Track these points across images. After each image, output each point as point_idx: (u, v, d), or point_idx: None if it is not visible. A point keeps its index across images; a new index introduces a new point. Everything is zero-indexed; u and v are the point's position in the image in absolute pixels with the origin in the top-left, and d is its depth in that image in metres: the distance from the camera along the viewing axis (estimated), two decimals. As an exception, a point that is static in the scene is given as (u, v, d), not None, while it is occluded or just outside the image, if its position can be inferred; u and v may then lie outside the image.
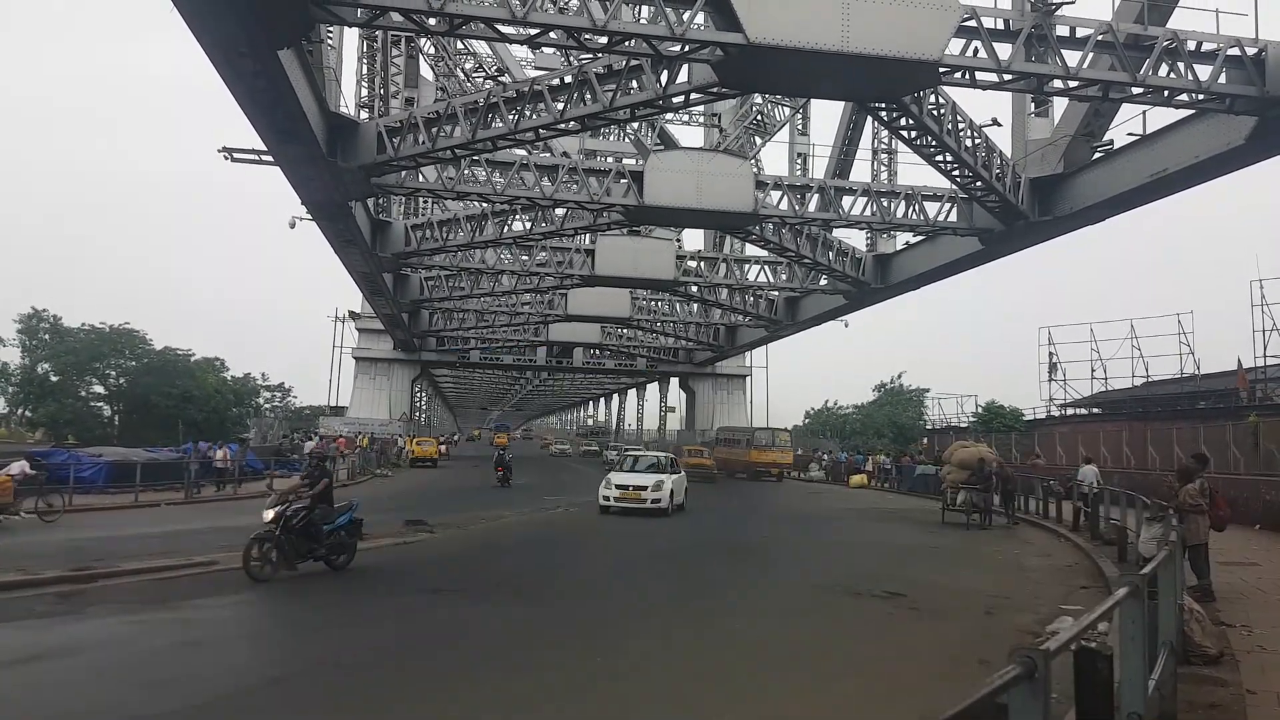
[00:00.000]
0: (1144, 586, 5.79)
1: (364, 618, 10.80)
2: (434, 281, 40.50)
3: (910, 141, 20.98)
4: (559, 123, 19.86)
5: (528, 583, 13.44)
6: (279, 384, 76.07)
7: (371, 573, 13.99)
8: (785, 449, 47.01)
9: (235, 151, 24.47)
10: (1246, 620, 10.36)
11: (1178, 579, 8.56)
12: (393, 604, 11.52)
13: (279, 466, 32.77)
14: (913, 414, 64.23)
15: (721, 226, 31.89)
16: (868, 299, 36.66)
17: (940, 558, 17.69)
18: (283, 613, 11.06)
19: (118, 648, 8.87)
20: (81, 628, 9.61)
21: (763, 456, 45.25)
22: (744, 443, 47.83)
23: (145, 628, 9.63)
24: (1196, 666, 8.14)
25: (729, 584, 13.94)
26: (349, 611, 11.22)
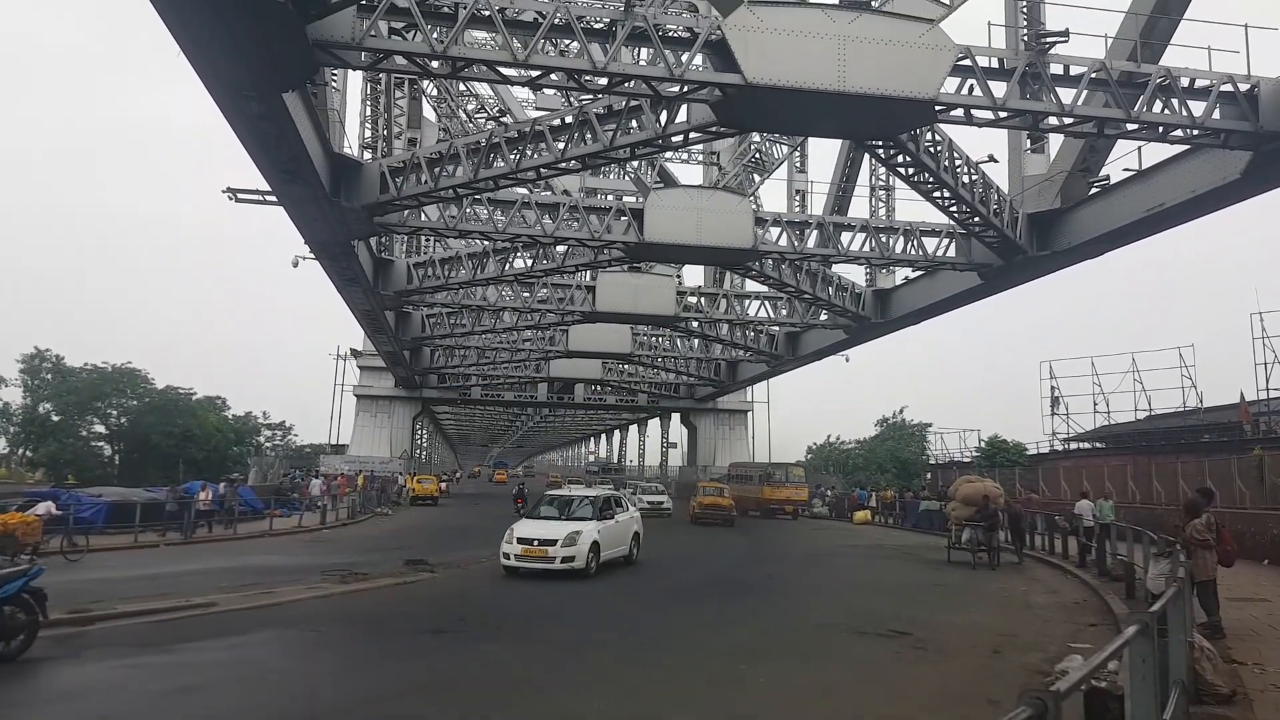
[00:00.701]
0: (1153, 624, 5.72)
1: (367, 660, 10.68)
2: (435, 319, 40.58)
3: (908, 178, 21.12)
4: (560, 162, 20.02)
5: (530, 621, 13.31)
6: (280, 422, 76.11)
7: (373, 613, 13.88)
8: (799, 485, 45.91)
9: (239, 192, 24.62)
10: (1258, 658, 10.23)
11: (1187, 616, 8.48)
12: (398, 645, 11.40)
13: (279, 506, 32.61)
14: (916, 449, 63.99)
15: (721, 262, 32.00)
16: (868, 334, 36.70)
17: (946, 595, 17.53)
18: (281, 656, 10.94)
19: (113, 693, 8.77)
20: (77, 672, 9.51)
21: (776, 493, 44.15)
22: (756, 479, 46.83)
23: (141, 672, 9.52)
24: (1209, 706, 8.02)
25: (734, 624, 13.79)
26: (351, 654, 11.11)
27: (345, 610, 14.16)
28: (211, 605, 13.28)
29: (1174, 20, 17.96)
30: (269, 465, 52.88)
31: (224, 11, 12.16)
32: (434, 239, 34.62)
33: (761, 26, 15.11)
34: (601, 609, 14.75)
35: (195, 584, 15.49)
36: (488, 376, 56.78)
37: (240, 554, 22.09)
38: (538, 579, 17.38)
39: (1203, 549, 11.56)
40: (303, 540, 26.98)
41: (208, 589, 14.74)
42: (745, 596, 16.96)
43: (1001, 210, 22.72)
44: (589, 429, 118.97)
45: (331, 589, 15.94)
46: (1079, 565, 21.29)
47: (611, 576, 18.59)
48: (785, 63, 15.17)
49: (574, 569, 17.71)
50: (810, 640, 12.49)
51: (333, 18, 13.96)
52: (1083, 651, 10.40)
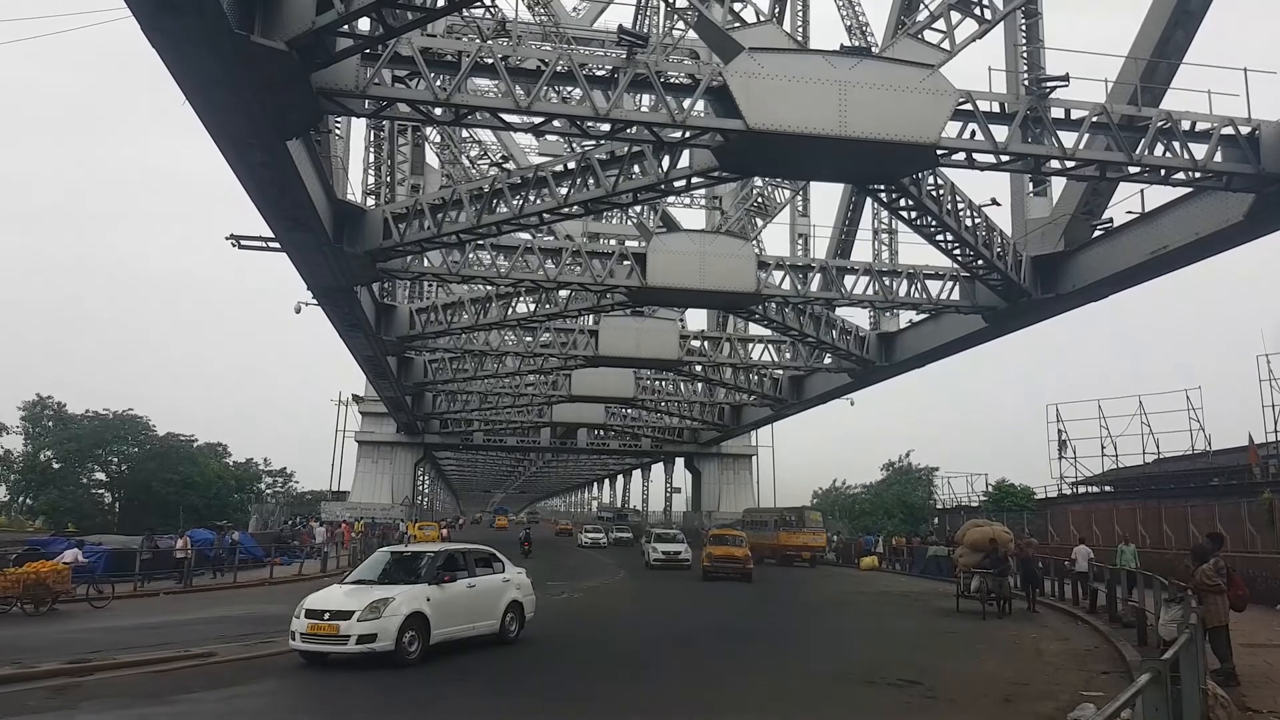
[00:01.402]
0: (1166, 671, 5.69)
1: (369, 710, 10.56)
2: (438, 364, 40.70)
3: (910, 222, 21.26)
4: (563, 207, 20.22)
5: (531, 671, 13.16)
6: (281, 469, 75.90)
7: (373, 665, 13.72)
8: (817, 530, 44.32)
9: (243, 239, 24.84)
10: (1273, 705, 10.10)
11: (1200, 663, 8.38)
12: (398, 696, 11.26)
13: (280, 554, 32.43)
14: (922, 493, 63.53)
15: (724, 306, 32.18)
16: (873, 377, 36.70)
17: (955, 643, 17.33)
18: (280, 708, 10.83)
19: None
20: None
21: (793, 540, 42.71)
22: (772, 525, 45.31)
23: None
24: (1224, 755, 7.91)
25: (739, 671, 13.63)
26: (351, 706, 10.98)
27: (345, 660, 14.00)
28: (211, 655, 13.17)
29: (1174, 64, 18.24)
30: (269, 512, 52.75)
31: (229, 61, 12.39)
32: (437, 284, 34.91)
33: (762, 73, 15.35)
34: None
35: (195, 633, 15.38)
36: (490, 421, 56.77)
37: (241, 602, 21.93)
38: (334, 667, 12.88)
39: (1214, 594, 11.47)
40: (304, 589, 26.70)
41: (207, 638, 14.62)
42: (750, 642, 16.78)
43: (1005, 253, 22.83)
44: (592, 474, 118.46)
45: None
46: (1090, 611, 21.05)
47: (460, 663, 13.49)
48: (787, 108, 15.38)
49: (375, 652, 12.57)
50: (818, 690, 12.33)
51: (337, 66, 14.20)
52: (1096, 700, 10.26)
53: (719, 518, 61.10)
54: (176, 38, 12.00)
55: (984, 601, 21.51)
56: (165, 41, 12.01)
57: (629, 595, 26.79)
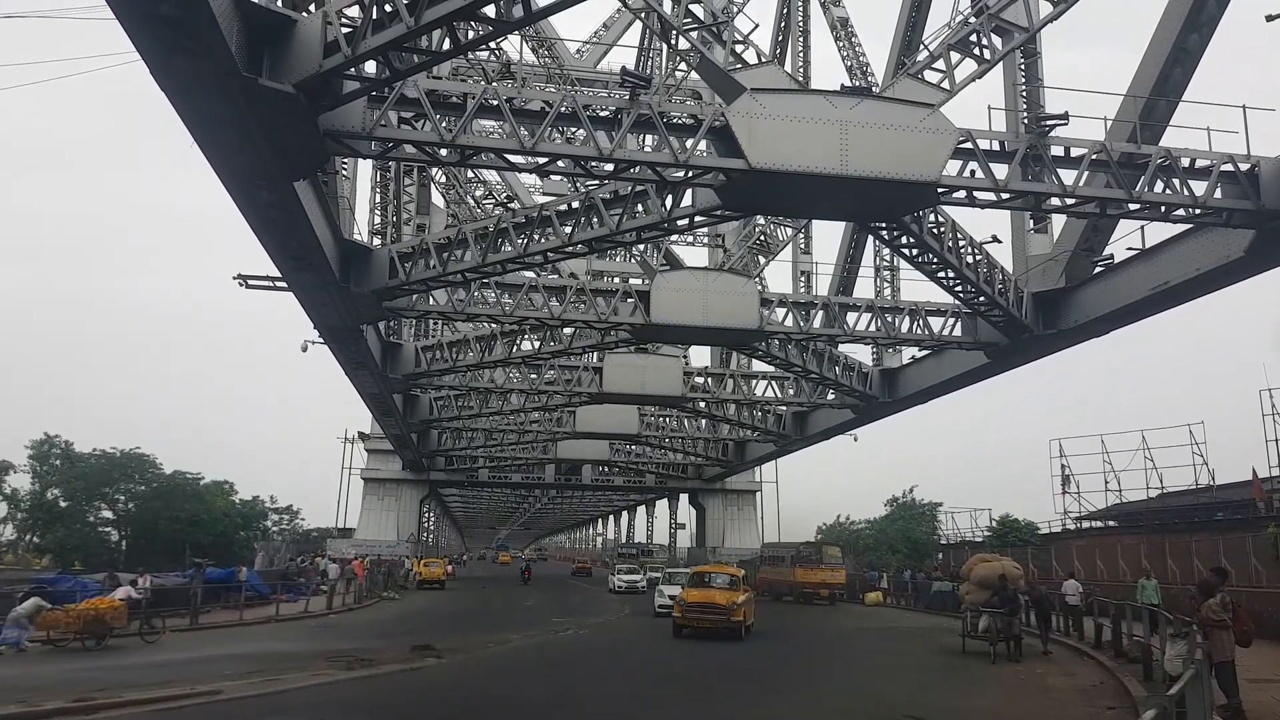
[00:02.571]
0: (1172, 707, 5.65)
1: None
2: (443, 401, 40.71)
3: (912, 259, 21.35)
4: (567, 246, 20.35)
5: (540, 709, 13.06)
6: (287, 506, 75.49)
7: (379, 701, 13.65)
8: (836, 566, 42.20)
9: (250, 278, 25.00)
10: (1282, 742, 9.98)
11: (1206, 698, 8.31)
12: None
13: (286, 590, 32.26)
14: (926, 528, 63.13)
15: (728, 343, 32.19)
16: (876, 413, 36.64)
17: (961, 679, 17.17)
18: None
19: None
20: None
21: (810, 576, 40.94)
22: (789, 561, 43.77)
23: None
24: (1233, 793, 7.81)
25: (742, 709, 13.50)
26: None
27: (351, 698, 13.94)
28: (217, 693, 13.08)
29: (1173, 102, 18.41)
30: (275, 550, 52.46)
31: (237, 102, 12.56)
32: (442, 322, 35.04)
33: (764, 113, 15.54)
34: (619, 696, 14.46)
35: (201, 670, 15.27)
36: (495, 458, 56.62)
37: (246, 640, 21.80)
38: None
39: (1219, 629, 11.38)
40: (309, 625, 26.62)
41: (213, 676, 14.52)
42: (755, 680, 16.63)
43: (1006, 290, 22.90)
44: (597, 510, 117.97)
45: (337, 675, 15.69)
46: (1095, 647, 20.86)
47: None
48: (788, 148, 15.54)
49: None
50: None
51: (344, 108, 14.37)
52: (1103, 737, 10.15)
53: (724, 554, 60.69)
54: (185, 80, 12.18)
55: (993, 643, 19.87)
56: (174, 83, 12.19)
57: (634, 630, 26.56)
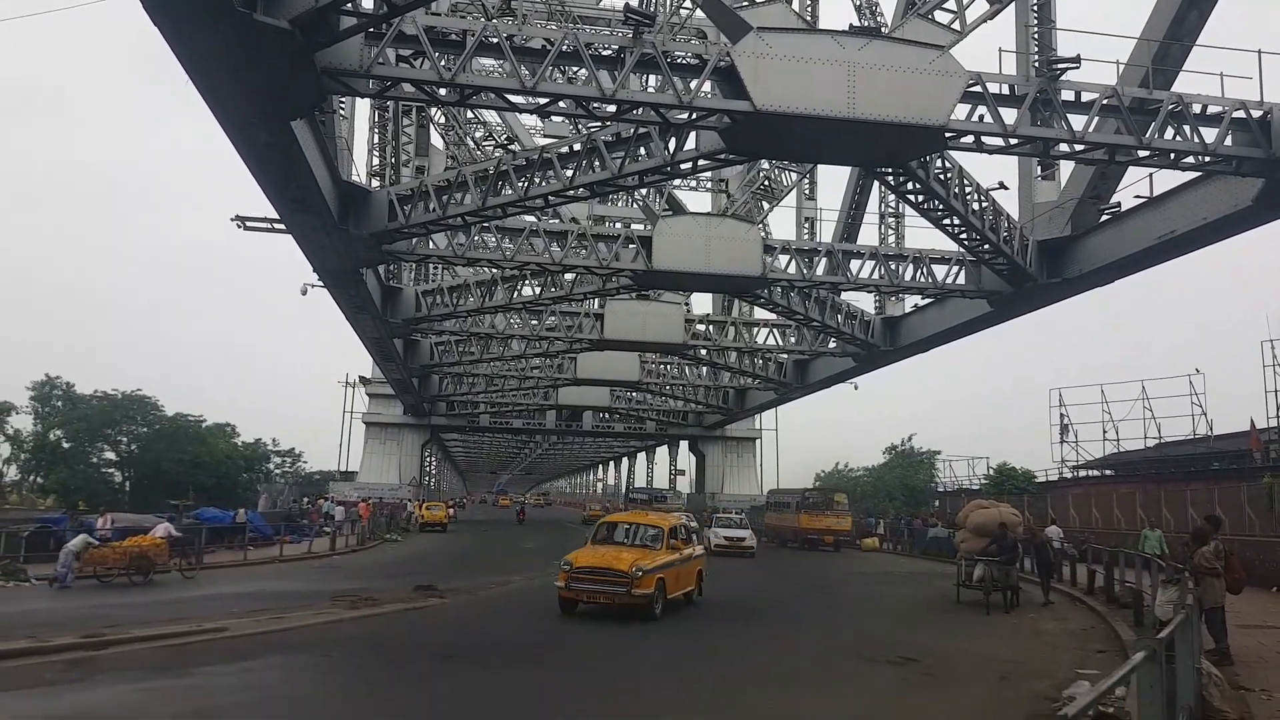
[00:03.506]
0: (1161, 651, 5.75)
1: (376, 686, 10.70)
2: (444, 346, 40.80)
3: (917, 205, 21.23)
4: (568, 190, 20.22)
5: (540, 647, 13.31)
6: (289, 449, 76.08)
7: (383, 639, 13.89)
8: (842, 513, 41.92)
9: (248, 220, 24.94)
10: (1266, 684, 10.19)
11: (1195, 643, 8.46)
12: (408, 671, 11.42)
13: (289, 531, 32.63)
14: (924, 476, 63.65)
15: (730, 290, 32.14)
16: (877, 361, 36.72)
17: (954, 622, 17.44)
18: (292, 681, 10.98)
19: (128, 716, 8.83)
20: (91, 695, 9.56)
21: (815, 523, 40.55)
22: (794, 506, 43.08)
23: (154, 695, 9.57)
24: (1217, 732, 8.00)
25: (740, 649, 13.76)
26: (361, 680, 11.13)
27: (355, 635, 14.18)
28: (223, 630, 13.31)
29: (1186, 46, 18.15)
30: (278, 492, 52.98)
31: (231, 39, 12.39)
32: (442, 267, 35.00)
33: (770, 53, 15.29)
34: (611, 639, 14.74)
35: (207, 609, 15.53)
36: (496, 404, 56.93)
37: (251, 580, 22.12)
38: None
39: (1211, 576, 11.54)
40: (313, 566, 27.00)
41: (219, 614, 14.77)
42: (750, 621, 16.91)
43: (1012, 237, 22.80)
44: (597, 456, 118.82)
45: (341, 614, 15.96)
46: (1087, 593, 21.15)
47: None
48: (794, 89, 15.32)
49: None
50: (817, 667, 12.47)
51: (341, 45, 14.16)
52: (1091, 678, 10.36)
53: (723, 500, 61.29)
54: (179, 16, 12.02)
55: (987, 593, 18.84)
56: (168, 20, 12.03)
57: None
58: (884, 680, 11.45)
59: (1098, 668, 11.73)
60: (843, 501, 43.49)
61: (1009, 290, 25.32)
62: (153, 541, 21.29)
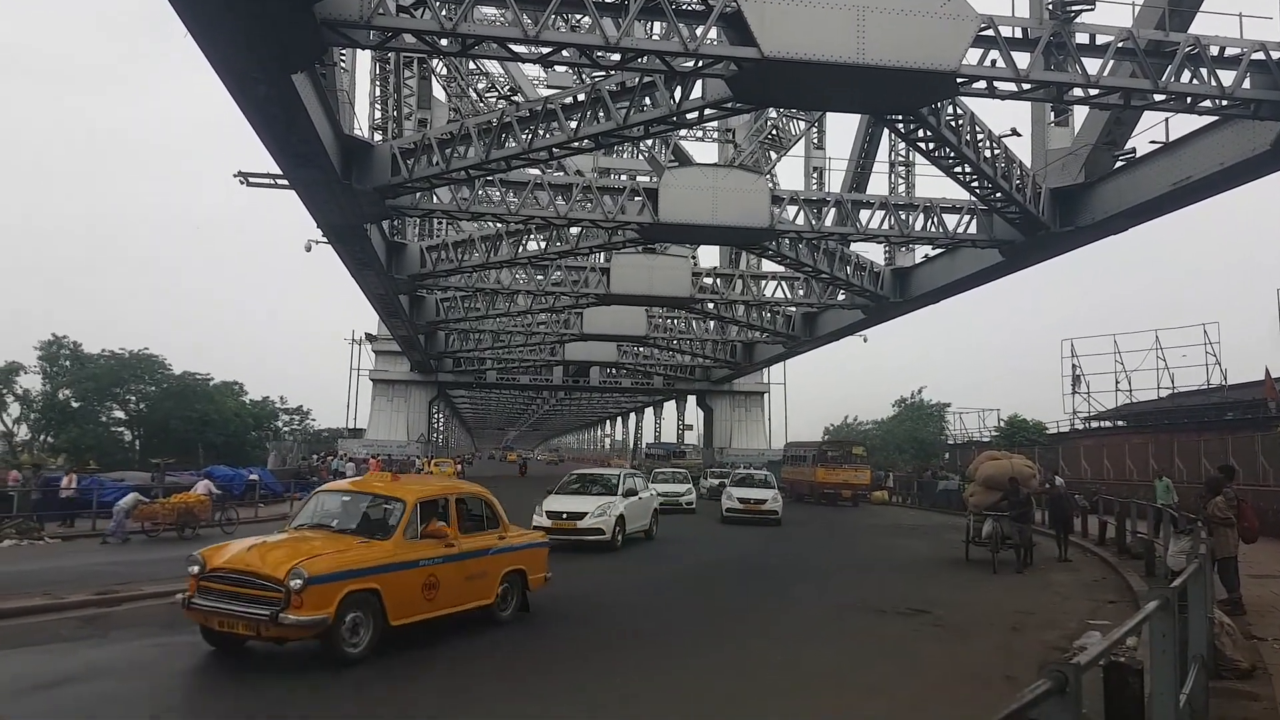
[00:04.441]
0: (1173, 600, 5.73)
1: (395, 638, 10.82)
2: (449, 303, 40.73)
3: (928, 153, 20.97)
4: (573, 141, 19.99)
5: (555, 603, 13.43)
6: (298, 406, 76.39)
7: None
8: (860, 467, 41.38)
9: (250, 176, 24.75)
10: (1279, 633, 10.22)
11: (1207, 592, 8.47)
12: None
13: (299, 489, 32.88)
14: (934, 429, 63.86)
15: (737, 242, 31.93)
16: (887, 313, 36.56)
17: (964, 574, 17.55)
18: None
19: (140, 670, 8.95)
20: (105, 652, 9.68)
21: (831, 476, 39.98)
22: (810, 460, 42.60)
23: (168, 651, 9.69)
24: (1228, 681, 8.04)
25: (750, 605, 13.87)
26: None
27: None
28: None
29: (1206, -17, 17.72)
30: (287, 450, 53.35)
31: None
32: (446, 221, 34.78)
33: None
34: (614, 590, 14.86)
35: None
36: (503, 360, 56.99)
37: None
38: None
39: (1224, 526, 11.54)
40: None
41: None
42: (759, 578, 17.03)
43: (1024, 185, 22.54)
44: (605, 412, 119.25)
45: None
46: (1099, 544, 21.24)
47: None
48: (802, 35, 15.03)
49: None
50: (827, 619, 12.55)
51: (341, -5, 13.94)
52: (1102, 628, 10.42)
53: (731, 455, 61.57)
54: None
55: (994, 550, 17.98)
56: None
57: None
58: (894, 631, 11.53)
59: (1109, 618, 11.80)
60: (861, 454, 42.88)
61: (1021, 239, 25.09)
62: (196, 498, 22.89)
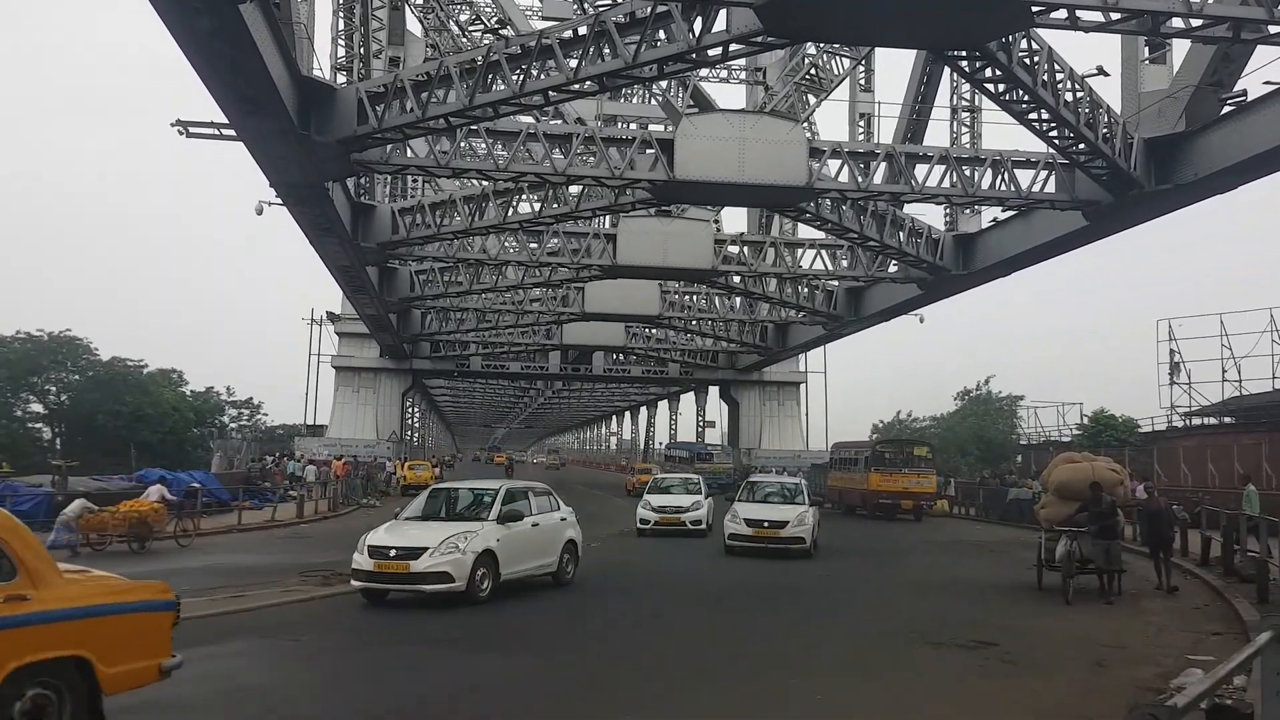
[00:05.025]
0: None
1: (354, 674, 10.90)
2: (427, 276, 40.82)
3: (997, 97, 20.86)
4: (572, 83, 19.94)
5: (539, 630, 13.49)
6: (246, 399, 76.94)
7: (360, 621, 14.13)
8: (924, 471, 39.67)
9: (191, 125, 24.79)
10: None
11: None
12: (393, 656, 11.61)
13: (248, 496, 33.11)
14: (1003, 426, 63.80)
15: (768, 203, 31.85)
16: (947, 288, 36.45)
17: (1036, 601, 17.53)
18: (255, 669, 11.17)
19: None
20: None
21: (888, 483, 38.28)
22: (862, 463, 40.80)
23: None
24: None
25: (784, 632, 13.90)
26: (336, 667, 11.35)
27: (328, 616, 14.43)
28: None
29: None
30: (235, 450, 53.63)
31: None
32: (423, 179, 34.79)
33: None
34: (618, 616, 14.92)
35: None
36: (489, 344, 57.12)
37: (205, 552, 22.54)
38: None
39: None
40: (278, 536, 27.50)
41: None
42: (796, 600, 17.05)
43: (1112, 135, 22.42)
44: (610, 406, 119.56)
45: (312, 592, 16.25)
46: (1200, 564, 21.19)
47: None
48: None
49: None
50: (875, 651, 12.56)
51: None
52: (1204, 665, 10.40)
53: (760, 457, 61.61)
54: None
55: (1067, 576, 17.06)
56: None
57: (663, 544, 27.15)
58: (957, 669, 11.52)
59: (1212, 653, 11.78)
60: (925, 455, 41.36)
61: (1108, 199, 24.95)
62: (151, 507, 23.01)
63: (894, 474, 38.93)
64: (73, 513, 21.49)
